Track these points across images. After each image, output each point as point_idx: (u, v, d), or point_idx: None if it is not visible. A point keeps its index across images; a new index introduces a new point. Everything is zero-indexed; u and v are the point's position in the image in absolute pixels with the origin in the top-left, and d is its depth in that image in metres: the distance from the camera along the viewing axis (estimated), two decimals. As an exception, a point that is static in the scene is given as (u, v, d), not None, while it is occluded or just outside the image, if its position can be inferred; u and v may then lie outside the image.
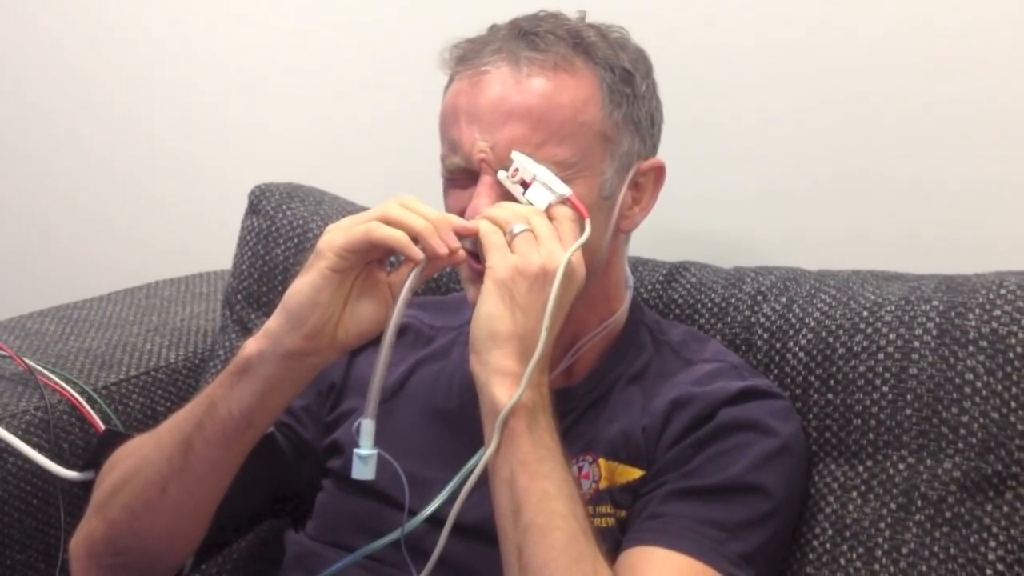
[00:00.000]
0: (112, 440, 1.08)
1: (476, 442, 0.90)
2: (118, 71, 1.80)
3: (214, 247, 1.52)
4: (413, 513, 0.94)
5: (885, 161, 1.27)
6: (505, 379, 0.88)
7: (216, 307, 1.49)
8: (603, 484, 1.00)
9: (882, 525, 0.99)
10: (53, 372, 1.27)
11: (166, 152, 1.79)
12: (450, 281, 1.28)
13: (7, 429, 1.19)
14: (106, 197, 1.86)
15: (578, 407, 1.04)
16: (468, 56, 1.00)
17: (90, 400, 1.27)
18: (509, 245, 0.90)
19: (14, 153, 1.92)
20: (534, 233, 0.91)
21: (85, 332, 1.41)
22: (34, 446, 1.20)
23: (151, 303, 1.52)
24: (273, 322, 0.91)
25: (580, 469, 1.00)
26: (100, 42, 1.80)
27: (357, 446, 0.89)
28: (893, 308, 1.05)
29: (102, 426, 1.25)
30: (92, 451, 1.18)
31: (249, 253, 1.39)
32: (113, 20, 1.79)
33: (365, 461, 0.89)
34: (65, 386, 1.26)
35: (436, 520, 0.91)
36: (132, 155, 1.82)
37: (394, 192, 0.93)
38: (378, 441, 0.89)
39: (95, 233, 1.87)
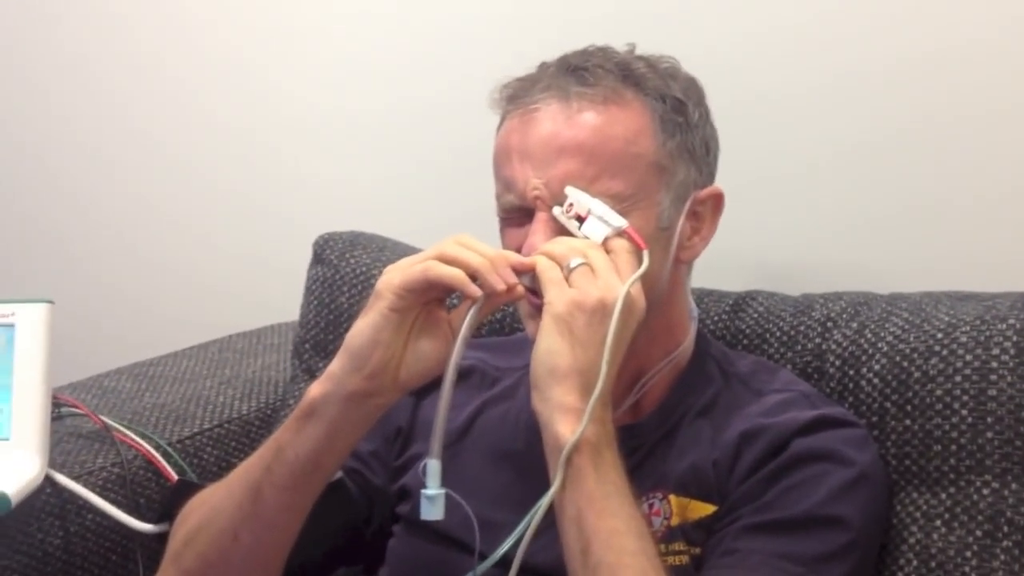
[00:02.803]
0: (185, 490, 1.09)
1: (545, 483, 0.88)
2: (184, 126, 1.84)
3: (290, 298, 1.54)
4: (484, 557, 0.92)
5: (953, 179, 1.25)
6: (567, 415, 0.86)
7: (287, 357, 1.50)
8: (675, 521, 0.98)
9: (968, 553, 0.96)
10: (128, 428, 1.29)
11: (236, 208, 1.82)
12: (514, 321, 1.28)
13: (85, 486, 1.21)
14: (183, 258, 1.90)
15: (646, 443, 1.02)
16: (518, 95, 1.00)
17: (165, 454, 1.29)
18: (567, 280, 0.90)
19: (86, 216, 1.98)
20: (591, 267, 0.90)
21: (160, 388, 1.44)
22: (111, 502, 1.22)
23: (224, 356, 1.54)
24: (335, 364, 0.92)
25: (651, 506, 0.99)
26: (167, 96, 1.85)
27: (424, 488, 0.89)
28: (968, 329, 1.02)
29: (176, 478, 1.26)
30: (166, 502, 1.20)
31: (315, 302, 1.40)
32: (181, 74, 1.83)
33: (433, 501, 0.88)
34: (140, 441, 1.28)
35: (507, 563, 0.89)
36: (206, 212, 1.86)
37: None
38: (446, 484, 0.88)
39: (174, 290, 1.91)
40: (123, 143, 1.91)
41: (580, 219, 0.94)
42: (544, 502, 0.86)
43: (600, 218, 0.94)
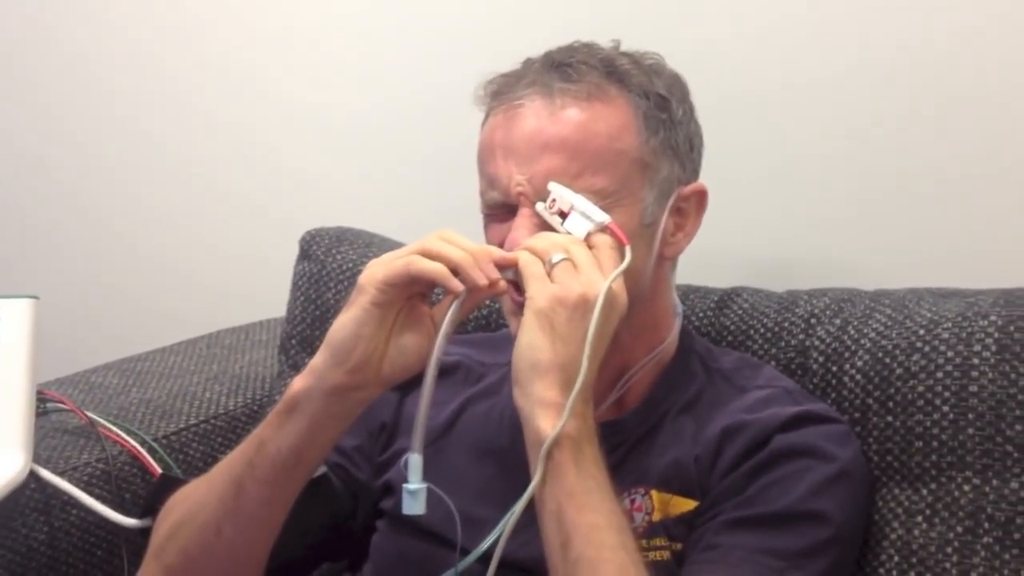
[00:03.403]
0: (168, 485, 1.08)
1: (528, 479, 0.88)
2: (173, 124, 1.85)
3: (278, 294, 1.54)
4: (466, 552, 0.93)
5: (937, 177, 1.25)
6: (548, 410, 0.86)
7: (274, 353, 1.50)
8: (656, 516, 0.98)
9: (949, 550, 0.96)
10: (114, 424, 1.29)
11: (227, 204, 1.82)
12: (500, 318, 1.28)
13: (70, 481, 1.21)
14: (171, 254, 1.90)
15: (629, 439, 1.02)
16: (502, 91, 1.00)
17: (150, 450, 1.29)
18: (549, 275, 0.90)
19: (75, 210, 1.98)
20: (573, 262, 0.90)
21: (147, 383, 1.44)
22: (96, 497, 1.22)
23: (212, 352, 1.54)
24: (318, 358, 0.92)
25: (632, 502, 0.99)
26: (160, 94, 1.85)
27: (407, 482, 0.89)
28: (950, 325, 1.02)
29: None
30: (149, 497, 1.20)
31: (302, 298, 1.40)
32: (172, 71, 1.83)
33: (414, 496, 0.88)
34: (126, 437, 1.28)
35: (489, 559, 0.90)
36: (196, 208, 1.86)
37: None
38: (430, 480, 0.88)
39: (162, 286, 1.91)
40: (114, 140, 1.91)
41: (563, 215, 0.94)
42: (524, 497, 0.86)
43: (583, 214, 0.94)
